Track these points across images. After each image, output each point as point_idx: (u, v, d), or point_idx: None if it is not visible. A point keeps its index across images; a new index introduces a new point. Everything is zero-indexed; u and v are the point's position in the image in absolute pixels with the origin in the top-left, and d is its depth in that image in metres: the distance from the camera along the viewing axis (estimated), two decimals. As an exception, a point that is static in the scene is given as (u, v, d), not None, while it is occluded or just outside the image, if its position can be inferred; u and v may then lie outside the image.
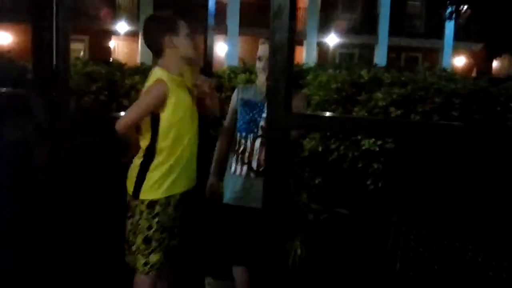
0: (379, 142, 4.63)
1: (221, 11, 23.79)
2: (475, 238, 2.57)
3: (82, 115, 4.66)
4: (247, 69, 6.38)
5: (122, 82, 5.75)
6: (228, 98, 5.63)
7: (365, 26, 27.78)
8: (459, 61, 29.46)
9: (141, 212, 3.23)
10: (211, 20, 4.45)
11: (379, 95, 4.80)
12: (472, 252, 2.54)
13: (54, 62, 2.76)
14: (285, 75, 1.80)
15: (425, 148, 4.15)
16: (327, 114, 4.19)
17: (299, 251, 4.12)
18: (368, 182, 4.73)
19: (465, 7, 16.13)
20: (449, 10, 16.47)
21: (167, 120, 3.20)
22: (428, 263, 2.55)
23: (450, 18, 16.55)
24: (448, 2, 15.80)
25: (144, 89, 3.31)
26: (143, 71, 6.25)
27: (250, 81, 5.73)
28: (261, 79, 3.68)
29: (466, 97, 4.75)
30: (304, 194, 4.66)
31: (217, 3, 4.91)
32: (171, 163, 3.26)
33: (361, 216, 4.15)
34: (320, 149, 4.89)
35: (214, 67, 5.58)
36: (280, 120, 1.83)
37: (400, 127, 2.00)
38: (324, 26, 27.57)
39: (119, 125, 3.20)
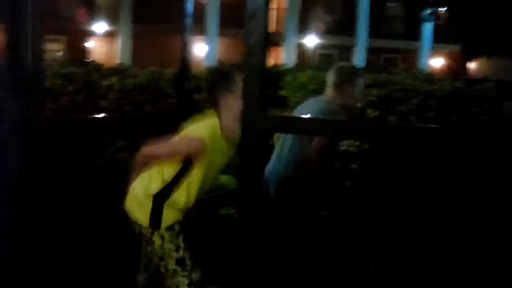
0: (357, 143, 4.66)
1: (200, 11, 23.72)
2: (448, 239, 2.60)
3: (59, 116, 4.61)
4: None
5: (100, 83, 5.71)
6: (207, 99, 5.62)
7: (344, 27, 27.86)
8: (437, 63, 29.72)
9: (162, 237, 3.07)
10: (189, 21, 4.42)
11: (356, 96, 4.82)
12: (444, 253, 2.57)
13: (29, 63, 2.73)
14: (260, 77, 1.80)
15: (401, 151, 4.18)
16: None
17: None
18: (346, 183, 4.75)
19: (443, 9, 16.28)
20: (427, 12, 16.60)
21: (198, 172, 3.07)
22: (402, 263, 2.57)
23: (428, 20, 16.68)
24: (426, 4, 15.92)
25: (187, 132, 3.15)
26: (121, 72, 6.22)
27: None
28: None
29: (442, 98, 4.80)
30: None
31: (196, 3, 4.90)
32: (187, 201, 3.12)
33: (339, 217, 4.16)
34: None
35: (194, 68, 5.56)
36: (255, 122, 1.83)
37: (376, 129, 2.00)
38: (303, 27, 27.61)
39: (143, 153, 3.09)
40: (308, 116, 3.73)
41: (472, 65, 25.64)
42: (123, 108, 5.49)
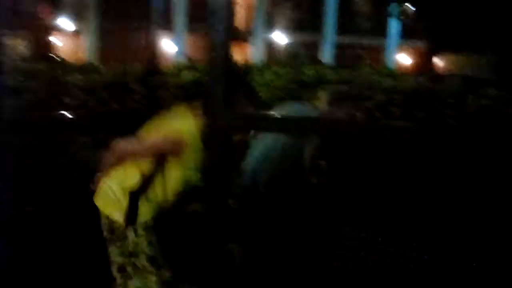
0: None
1: (168, 7, 23.52)
2: (410, 236, 2.63)
3: (21, 114, 4.52)
4: (193, 66, 6.35)
5: (65, 80, 5.63)
6: (174, 96, 5.59)
7: (312, 24, 27.96)
8: (404, 59, 30.01)
9: (136, 232, 3.00)
10: (156, 16, 4.38)
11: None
12: (406, 249, 2.59)
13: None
14: (224, 73, 1.79)
15: (367, 148, 4.22)
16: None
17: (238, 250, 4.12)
18: (313, 179, 4.76)
19: (409, 5, 16.44)
20: (393, 8, 16.73)
21: (177, 169, 3.02)
22: (365, 260, 2.59)
23: (394, 16, 16.82)
24: (392, 0, 16.06)
25: (166, 131, 3.06)
26: (85, 68, 6.15)
27: (196, 79, 5.69)
28: None
29: (407, 94, 4.85)
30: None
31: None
32: (163, 196, 3.07)
33: (303, 213, 4.18)
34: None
35: (161, 64, 5.52)
36: (219, 119, 1.82)
37: (341, 127, 2.01)
38: (271, 24, 27.63)
39: (118, 150, 3.00)
40: None
41: (438, 61, 25.95)
42: (88, 105, 5.42)
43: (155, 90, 4.65)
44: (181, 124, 3.05)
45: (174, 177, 3.04)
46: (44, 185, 4.07)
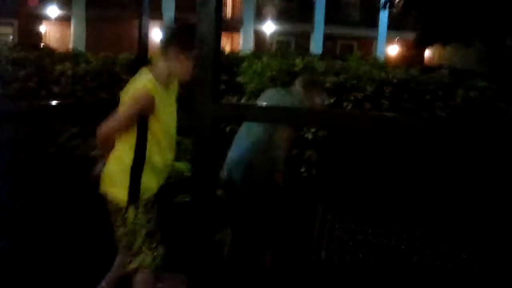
0: (312, 130, 4.68)
1: (157, -4, 23.38)
2: (399, 226, 2.64)
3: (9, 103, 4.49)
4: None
5: (52, 68, 5.59)
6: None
7: (301, 14, 27.91)
8: (393, 50, 30.05)
9: (137, 209, 3.11)
10: (145, 5, 4.36)
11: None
12: (395, 240, 2.60)
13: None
14: (213, 64, 1.78)
15: (354, 139, 4.22)
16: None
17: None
18: (302, 170, 4.77)
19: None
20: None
21: (156, 123, 3.13)
22: (353, 251, 2.60)
23: (384, 7, 16.80)
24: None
25: (129, 94, 3.16)
26: (74, 57, 6.09)
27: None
28: None
29: (397, 85, 4.84)
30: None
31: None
32: (162, 158, 3.20)
33: (292, 204, 4.18)
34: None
35: (151, 54, 5.49)
36: (208, 110, 1.81)
37: (330, 118, 2.01)
38: (261, 14, 27.56)
39: (100, 134, 3.11)
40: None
41: (428, 53, 25.99)
42: (77, 94, 5.39)
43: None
44: (139, 81, 3.16)
45: (162, 133, 3.17)
46: (33, 176, 4.05)
